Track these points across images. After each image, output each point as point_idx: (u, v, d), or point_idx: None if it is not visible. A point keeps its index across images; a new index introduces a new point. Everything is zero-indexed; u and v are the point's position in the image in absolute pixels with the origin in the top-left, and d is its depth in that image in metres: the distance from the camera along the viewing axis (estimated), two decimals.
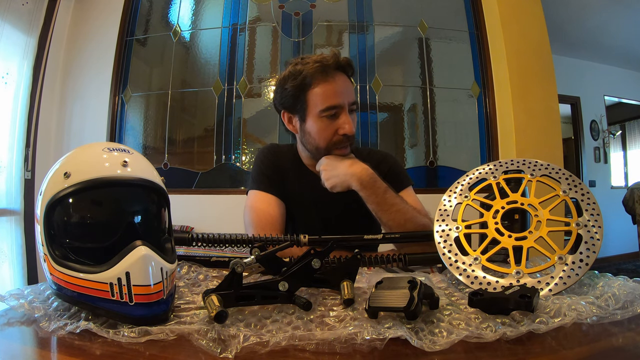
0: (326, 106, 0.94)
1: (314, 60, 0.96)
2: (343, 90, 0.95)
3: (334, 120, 0.95)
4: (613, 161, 4.93)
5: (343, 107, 0.95)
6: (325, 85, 0.94)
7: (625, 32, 3.85)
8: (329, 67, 0.95)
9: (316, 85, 0.95)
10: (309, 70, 0.95)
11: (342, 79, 0.97)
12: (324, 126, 0.96)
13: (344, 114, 0.95)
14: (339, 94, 0.95)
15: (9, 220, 2.11)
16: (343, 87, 0.96)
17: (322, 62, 0.95)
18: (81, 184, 0.49)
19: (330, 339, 0.41)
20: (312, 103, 0.96)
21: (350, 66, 0.98)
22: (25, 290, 0.57)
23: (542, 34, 2.33)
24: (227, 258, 0.73)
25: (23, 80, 2.23)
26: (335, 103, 0.94)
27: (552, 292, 0.52)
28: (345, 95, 0.95)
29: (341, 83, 0.96)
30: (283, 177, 1.05)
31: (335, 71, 0.96)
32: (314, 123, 0.97)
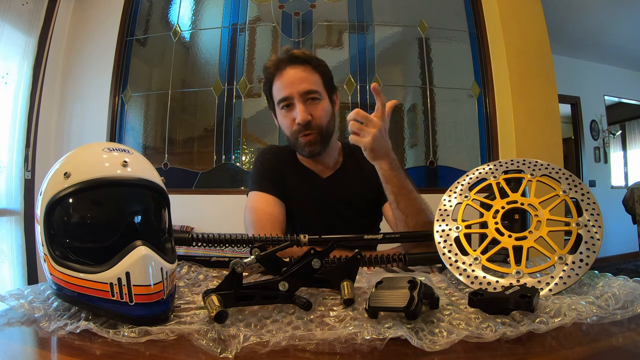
0: (278, 99, 1.00)
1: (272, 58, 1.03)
2: (292, 82, 0.98)
3: (290, 111, 1.00)
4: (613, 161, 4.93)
5: (293, 98, 0.98)
6: (278, 80, 1.01)
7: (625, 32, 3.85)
8: (281, 62, 1.00)
9: (274, 82, 1.02)
10: (268, 68, 1.02)
11: (294, 71, 1.00)
12: (283, 118, 1.02)
13: (296, 105, 0.98)
14: (287, 86, 0.99)
15: (9, 220, 2.11)
16: (293, 79, 0.99)
17: (277, 59, 1.01)
18: (81, 184, 0.49)
19: (330, 339, 0.41)
20: (274, 98, 1.02)
21: (305, 57, 1.01)
22: (25, 290, 0.56)
23: (542, 34, 2.33)
24: (227, 258, 0.73)
25: (23, 80, 2.23)
26: (284, 95, 0.99)
27: (552, 292, 0.52)
28: (294, 86, 0.98)
29: (292, 75, 0.99)
30: (283, 177, 1.06)
31: (287, 64, 1.00)
32: (279, 116, 1.04)
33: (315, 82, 1.01)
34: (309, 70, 1.01)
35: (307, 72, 1.00)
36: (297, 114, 0.98)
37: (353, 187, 1.08)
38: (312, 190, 1.06)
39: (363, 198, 1.09)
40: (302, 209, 1.06)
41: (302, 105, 0.98)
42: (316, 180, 1.07)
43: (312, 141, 1.00)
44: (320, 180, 1.08)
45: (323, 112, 1.01)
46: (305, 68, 1.00)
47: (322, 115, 1.01)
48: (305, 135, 0.99)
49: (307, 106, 0.99)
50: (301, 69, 1.00)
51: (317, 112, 1.00)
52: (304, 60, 1.01)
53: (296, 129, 0.99)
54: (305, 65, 1.00)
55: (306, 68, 1.01)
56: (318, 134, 1.00)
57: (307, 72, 1.01)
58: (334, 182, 1.08)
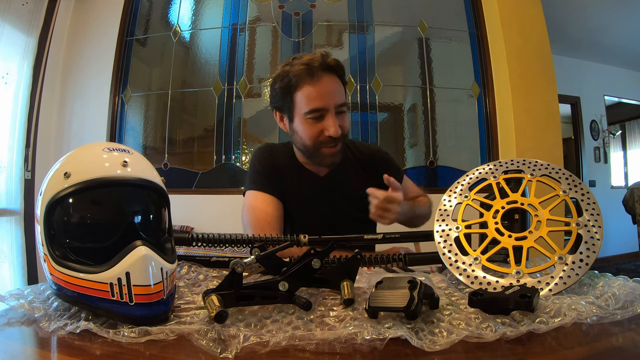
0: (310, 109, 0.94)
1: (301, 61, 0.96)
2: (328, 93, 0.94)
3: (320, 121, 0.96)
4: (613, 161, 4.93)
5: (328, 110, 0.95)
6: (310, 88, 0.94)
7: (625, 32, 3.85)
8: (315, 68, 0.94)
9: (301, 87, 0.95)
10: (295, 72, 0.95)
11: (329, 81, 0.95)
12: (309, 127, 0.97)
13: (330, 116, 0.95)
14: (323, 96, 0.94)
15: (9, 220, 2.11)
16: (328, 89, 0.95)
17: (308, 63, 0.94)
18: (81, 184, 0.49)
19: (330, 339, 0.41)
20: (298, 104, 0.96)
21: (339, 67, 0.98)
22: (25, 290, 0.56)
23: (542, 34, 2.33)
24: (227, 258, 0.73)
25: (23, 80, 2.23)
26: (318, 106, 0.94)
27: (552, 292, 0.52)
28: (331, 97, 0.95)
29: (327, 85, 0.95)
30: (280, 176, 1.06)
31: (322, 72, 0.95)
32: (300, 124, 0.98)
33: (343, 93, 0.99)
34: (339, 82, 0.98)
35: (339, 84, 0.98)
36: (331, 127, 0.94)
37: (351, 184, 1.08)
38: (310, 188, 1.06)
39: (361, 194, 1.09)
40: (300, 207, 1.06)
41: (334, 119, 0.95)
42: (313, 179, 1.07)
43: (338, 152, 1.00)
44: (317, 178, 1.07)
45: (347, 123, 1.00)
46: (337, 79, 0.97)
47: (347, 126, 1.00)
48: (332, 147, 0.98)
49: (337, 119, 0.97)
50: (334, 79, 0.97)
51: (345, 124, 0.99)
52: (338, 70, 0.97)
53: (323, 140, 0.97)
54: (337, 77, 0.97)
55: (337, 79, 0.98)
56: (342, 144, 1.01)
57: (339, 83, 0.98)
58: (331, 180, 1.08)
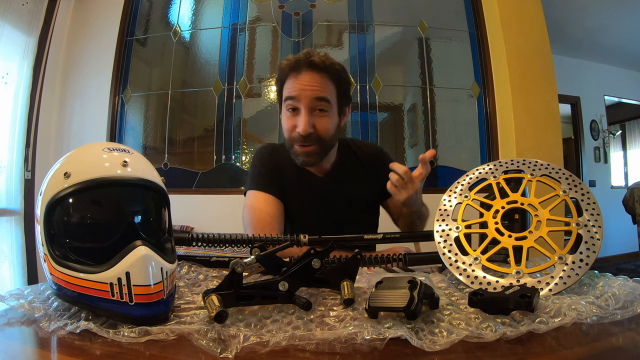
0: (286, 96, 0.99)
1: (289, 57, 1.00)
2: (305, 85, 0.96)
3: (295, 115, 0.98)
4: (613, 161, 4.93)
5: (300, 101, 0.96)
6: (292, 79, 0.98)
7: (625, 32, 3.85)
8: (299, 63, 0.97)
9: (287, 80, 1.00)
10: (283, 66, 1.00)
11: (310, 76, 0.97)
12: (286, 120, 1.00)
13: (304, 112, 0.96)
14: (299, 88, 0.96)
15: (9, 220, 2.11)
16: (306, 82, 0.96)
17: (295, 59, 0.99)
18: (81, 184, 0.49)
19: (330, 339, 0.41)
20: (283, 96, 1.01)
21: (324, 65, 0.98)
22: (25, 290, 0.56)
23: (542, 34, 2.33)
24: (227, 258, 0.73)
25: (23, 80, 2.23)
26: (292, 94, 0.97)
27: (552, 292, 0.52)
28: (307, 90, 0.96)
29: (307, 79, 0.97)
30: (281, 176, 1.05)
31: (306, 68, 0.97)
32: (283, 115, 1.02)
33: (329, 91, 0.98)
34: (324, 79, 0.98)
35: (322, 80, 0.97)
36: (300, 123, 0.95)
37: (350, 185, 1.08)
38: (309, 189, 1.06)
39: (361, 195, 1.09)
40: (300, 208, 1.06)
41: (307, 116, 0.95)
42: (313, 180, 1.07)
43: (310, 153, 0.99)
44: (316, 179, 1.07)
45: (328, 125, 0.98)
46: (322, 76, 0.97)
47: (326, 128, 0.98)
48: (302, 146, 0.98)
49: (312, 116, 0.96)
50: (317, 76, 0.97)
51: (321, 124, 0.97)
52: (322, 68, 0.97)
53: (295, 136, 0.98)
54: (322, 74, 0.97)
55: (323, 77, 0.97)
56: (318, 147, 0.99)
57: (323, 80, 0.97)
58: (330, 180, 1.07)
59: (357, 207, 1.09)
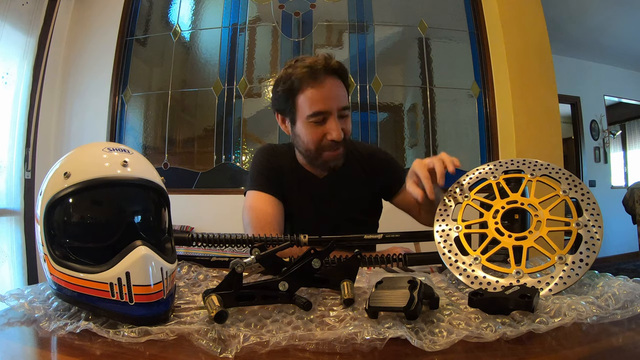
0: (313, 112, 0.94)
1: (304, 64, 0.94)
2: (331, 96, 0.94)
3: (322, 125, 0.95)
4: (613, 161, 4.93)
5: (331, 113, 0.94)
6: (313, 91, 0.93)
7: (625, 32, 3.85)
8: (318, 71, 0.93)
9: (304, 90, 0.94)
10: (297, 74, 0.94)
11: (332, 84, 0.95)
12: (312, 130, 0.96)
13: (332, 120, 0.94)
14: (326, 99, 0.93)
15: (9, 220, 2.11)
16: (331, 92, 0.94)
17: (311, 66, 0.93)
18: (81, 184, 0.49)
19: (330, 339, 0.41)
20: (300, 107, 0.95)
21: (342, 70, 0.97)
22: (25, 290, 0.56)
23: (542, 34, 2.33)
24: (227, 258, 0.73)
25: (23, 80, 2.23)
26: (321, 109, 0.93)
27: (552, 292, 0.52)
28: (334, 100, 0.94)
29: (330, 88, 0.94)
30: (281, 176, 1.05)
31: (325, 75, 0.94)
32: (303, 127, 0.97)
33: (346, 96, 0.99)
34: (342, 85, 0.97)
35: (341, 86, 0.97)
36: (333, 131, 0.94)
37: (351, 186, 1.08)
38: (310, 190, 1.06)
39: (361, 196, 1.09)
40: (300, 209, 1.06)
41: (337, 122, 0.94)
42: (313, 181, 1.07)
43: (339, 155, 0.99)
44: (317, 180, 1.07)
45: (350, 126, 1.00)
46: (340, 82, 0.97)
47: (349, 129, 0.99)
48: (334, 150, 0.98)
49: (340, 122, 0.96)
50: (338, 82, 0.96)
51: (348, 128, 0.98)
52: (341, 73, 0.97)
53: (326, 144, 0.96)
54: (340, 80, 0.97)
55: (340, 82, 0.97)
56: (344, 147, 0.99)
57: (341, 86, 0.97)
58: (331, 181, 1.07)
59: (358, 207, 1.09)
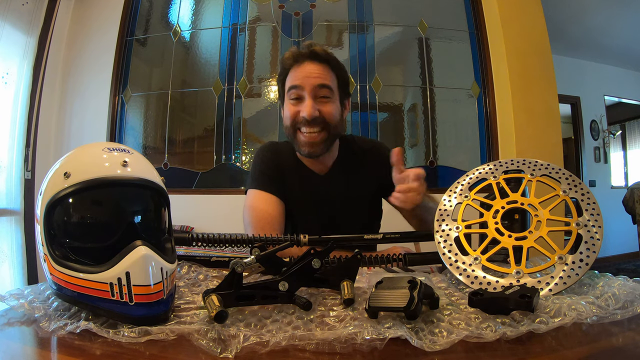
0: (289, 86, 1.00)
1: (293, 49, 1.04)
2: (307, 75, 0.99)
3: (299, 103, 1.00)
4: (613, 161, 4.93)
5: (304, 89, 0.98)
6: (294, 70, 1.01)
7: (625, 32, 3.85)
8: (301, 55, 1.01)
9: (289, 72, 1.02)
10: (285, 59, 1.03)
11: (313, 67, 1.00)
12: (289, 107, 1.01)
13: (308, 98, 0.98)
14: (302, 77, 0.99)
15: (9, 220, 2.11)
16: (308, 71, 0.99)
17: (296, 51, 1.02)
18: (81, 184, 0.49)
19: (330, 339, 0.41)
20: (286, 88, 1.02)
21: (325, 55, 1.02)
22: (25, 290, 0.57)
23: (542, 34, 2.33)
24: (227, 258, 0.73)
25: (23, 80, 2.22)
26: (296, 83, 0.99)
27: (552, 292, 0.52)
28: (308, 78, 0.98)
29: (309, 69, 0.99)
30: (283, 175, 1.05)
31: (307, 59, 1.00)
32: (285, 106, 1.03)
33: (330, 80, 1.01)
34: (326, 69, 1.01)
35: (324, 70, 1.01)
36: (304, 107, 0.97)
37: (352, 184, 1.08)
38: (310, 188, 1.06)
39: (362, 194, 1.09)
40: (301, 207, 1.05)
41: (311, 100, 0.98)
42: (314, 179, 1.07)
43: (316, 142, 0.99)
44: (317, 178, 1.07)
45: (332, 110, 1.00)
46: (324, 66, 1.01)
47: (331, 112, 1.00)
48: (309, 133, 0.98)
49: (317, 102, 0.98)
50: (320, 66, 1.00)
51: (326, 109, 0.99)
52: (324, 58, 1.01)
53: (299, 121, 0.98)
54: (324, 64, 1.01)
55: (324, 66, 1.01)
56: (325, 133, 1.00)
57: (325, 70, 1.01)
58: (331, 179, 1.07)
59: (359, 205, 1.09)
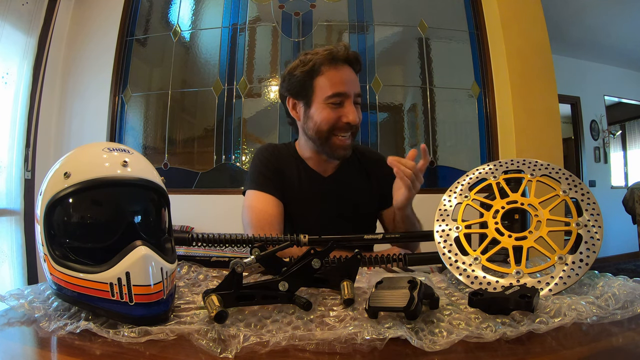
0: (333, 92, 0.97)
1: (325, 49, 1.00)
2: (350, 80, 0.99)
3: (339, 108, 0.98)
4: (613, 161, 4.93)
5: (349, 96, 0.98)
6: (333, 74, 0.98)
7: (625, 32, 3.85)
8: (338, 57, 0.99)
9: (324, 72, 0.98)
10: (318, 58, 0.99)
11: (350, 71, 1.01)
12: (328, 112, 0.99)
13: (349, 103, 0.98)
14: (346, 82, 0.98)
15: (9, 220, 2.11)
16: (350, 77, 1.00)
17: (332, 51, 0.99)
18: (81, 184, 0.49)
19: (330, 339, 0.41)
20: (319, 89, 0.99)
21: (357, 60, 1.02)
22: (25, 290, 0.57)
23: (542, 34, 2.32)
24: (227, 258, 0.73)
25: (23, 80, 2.22)
26: (342, 90, 0.97)
27: (552, 292, 0.52)
28: (352, 85, 0.99)
29: (349, 74, 1.00)
30: (282, 176, 1.05)
31: (344, 63, 1.00)
32: (319, 109, 0.99)
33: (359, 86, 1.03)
34: (355, 75, 1.03)
35: (356, 76, 1.03)
36: (350, 113, 0.98)
37: (355, 186, 1.08)
38: (313, 189, 1.06)
39: (365, 197, 1.09)
40: (303, 208, 1.05)
41: (354, 107, 0.99)
42: (317, 180, 1.07)
43: (349, 145, 1.02)
44: (321, 179, 1.07)
45: (361, 118, 1.03)
46: (354, 72, 1.02)
47: (361, 118, 1.03)
48: (344, 137, 1.00)
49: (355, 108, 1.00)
50: (353, 71, 1.02)
51: (360, 116, 1.01)
52: (358, 64, 1.03)
53: (340, 126, 0.99)
54: (354, 69, 1.02)
55: (355, 72, 1.02)
56: (353, 138, 1.03)
57: (355, 75, 1.03)
58: (335, 180, 1.07)
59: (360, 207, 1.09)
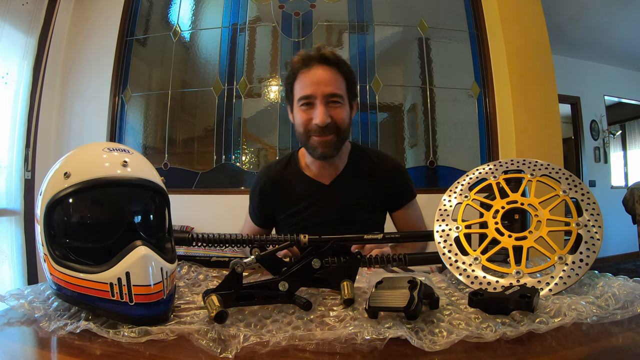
0: (301, 95, 0.99)
1: (300, 54, 1.02)
2: (318, 81, 0.97)
3: (310, 109, 0.99)
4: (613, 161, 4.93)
5: (316, 98, 0.97)
6: (304, 76, 0.99)
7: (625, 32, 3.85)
8: (310, 59, 0.99)
9: (299, 76, 1.00)
10: (296, 63, 1.01)
11: (322, 71, 0.98)
12: (301, 115, 1.00)
13: (319, 105, 0.97)
14: (313, 84, 0.97)
15: (9, 220, 2.11)
16: (319, 77, 0.98)
17: (305, 55, 1.00)
18: (81, 184, 0.49)
19: (330, 339, 0.41)
20: (295, 93, 1.01)
21: (335, 58, 1.00)
22: (25, 290, 0.57)
23: (542, 34, 2.32)
24: (227, 258, 0.73)
25: (23, 80, 2.22)
26: (308, 93, 0.97)
27: (552, 292, 0.52)
28: (318, 86, 0.97)
29: (319, 75, 0.98)
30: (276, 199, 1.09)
31: (317, 63, 0.99)
32: (296, 113, 1.02)
33: (340, 86, 1.00)
34: (335, 73, 0.99)
35: (333, 75, 0.99)
36: (317, 115, 0.96)
37: (358, 191, 1.07)
38: (315, 198, 1.06)
39: (368, 202, 1.08)
40: (306, 216, 1.05)
41: (323, 107, 0.97)
42: (319, 188, 1.06)
43: (328, 143, 0.99)
44: (322, 187, 1.06)
45: (343, 115, 1.00)
46: (333, 70, 0.99)
47: (342, 117, 1.00)
48: (321, 135, 0.98)
49: (327, 108, 0.97)
50: (329, 70, 0.99)
51: (338, 115, 0.99)
52: (334, 62, 0.99)
53: (312, 128, 0.98)
54: (332, 68, 0.99)
55: (333, 71, 0.99)
56: (335, 136, 0.99)
57: (334, 74, 0.99)
58: (337, 187, 1.06)
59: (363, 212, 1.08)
